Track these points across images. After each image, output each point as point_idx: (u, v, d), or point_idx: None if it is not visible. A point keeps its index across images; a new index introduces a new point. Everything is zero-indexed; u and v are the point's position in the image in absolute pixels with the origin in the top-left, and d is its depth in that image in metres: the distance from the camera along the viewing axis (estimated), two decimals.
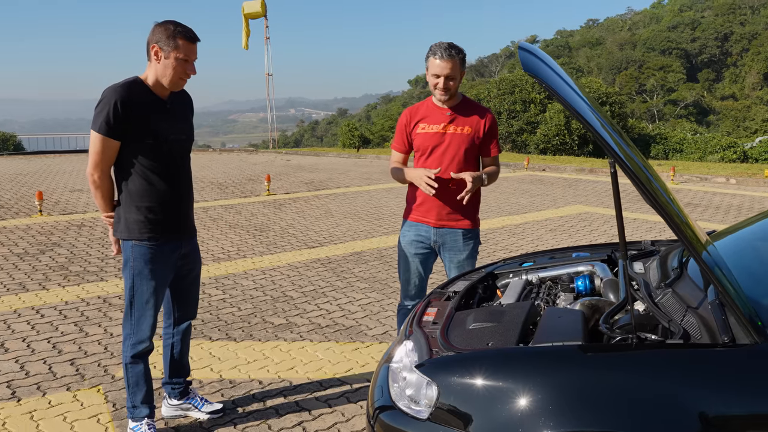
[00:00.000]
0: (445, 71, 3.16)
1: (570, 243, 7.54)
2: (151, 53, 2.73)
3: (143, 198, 2.79)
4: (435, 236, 3.38)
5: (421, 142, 3.33)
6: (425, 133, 3.32)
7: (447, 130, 3.28)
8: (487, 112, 3.35)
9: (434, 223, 3.36)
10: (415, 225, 3.42)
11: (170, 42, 2.70)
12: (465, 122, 3.29)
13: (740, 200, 11.09)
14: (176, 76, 2.75)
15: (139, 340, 2.86)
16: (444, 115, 3.30)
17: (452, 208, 3.32)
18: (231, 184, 12.95)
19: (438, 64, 3.16)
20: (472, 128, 3.28)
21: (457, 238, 3.37)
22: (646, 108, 62.96)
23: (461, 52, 3.21)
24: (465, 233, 3.37)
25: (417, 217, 3.41)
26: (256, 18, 26.95)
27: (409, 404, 2.12)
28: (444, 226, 3.35)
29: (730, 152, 26.61)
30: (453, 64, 3.16)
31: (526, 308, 2.39)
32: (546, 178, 14.49)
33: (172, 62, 2.73)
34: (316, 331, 4.51)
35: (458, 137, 3.27)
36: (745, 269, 2.49)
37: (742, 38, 73.45)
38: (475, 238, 3.43)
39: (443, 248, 3.41)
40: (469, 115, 3.31)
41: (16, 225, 8.31)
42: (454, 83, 3.21)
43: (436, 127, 3.29)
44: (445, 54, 3.14)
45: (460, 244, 3.37)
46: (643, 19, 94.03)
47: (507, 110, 28.39)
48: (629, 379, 1.91)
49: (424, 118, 3.34)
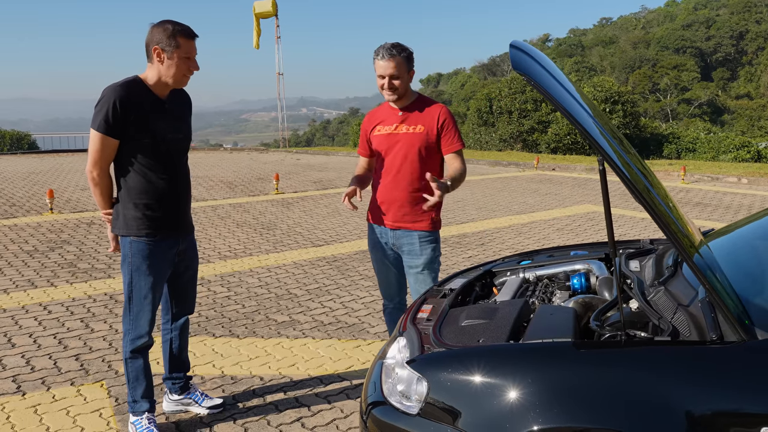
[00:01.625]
0: (388, 71, 3.12)
1: (577, 242, 7.52)
2: (152, 55, 2.76)
3: (141, 195, 2.83)
4: (392, 239, 3.31)
5: (376, 145, 3.30)
6: (380, 135, 3.29)
7: (399, 129, 3.23)
8: (439, 108, 3.24)
9: (390, 225, 3.29)
10: (374, 227, 3.39)
11: (171, 42, 2.74)
12: (417, 120, 3.21)
13: (751, 200, 11.00)
14: (180, 74, 2.80)
15: (138, 335, 2.90)
16: (396, 115, 3.26)
17: (408, 209, 3.23)
18: (240, 182, 13.03)
19: (380, 64, 3.13)
20: (425, 126, 3.20)
21: (413, 242, 3.25)
22: (659, 107, 62.49)
23: (405, 51, 3.14)
24: (422, 236, 3.24)
25: (374, 218, 3.37)
26: (267, 17, 27.03)
27: (400, 400, 2.14)
28: (399, 227, 3.26)
29: (744, 152, 26.34)
30: (395, 63, 3.11)
31: (518, 305, 2.40)
32: (555, 178, 14.45)
33: (176, 61, 2.77)
34: (319, 329, 4.54)
35: (410, 136, 3.20)
36: (741, 268, 2.49)
37: (757, 37, 72.72)
38: (435, 243, 3.29)
39: (401, 252, 3.32)
40: (422, 112, 3.23)
41: (27, 222, 8.41)
42: (398, 82, 3.14)
43: (389, 128, 3.25)
44: (386, 54, 3.11)
45: (416, 248, 3.25)
46: (657, 18, 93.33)
47: (518, 109, 28.29)
48: (618, 375, 1.92)
49: (381, 120, 3.31)
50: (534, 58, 2.19)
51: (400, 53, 3.13)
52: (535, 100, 28.16)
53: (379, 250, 3.41)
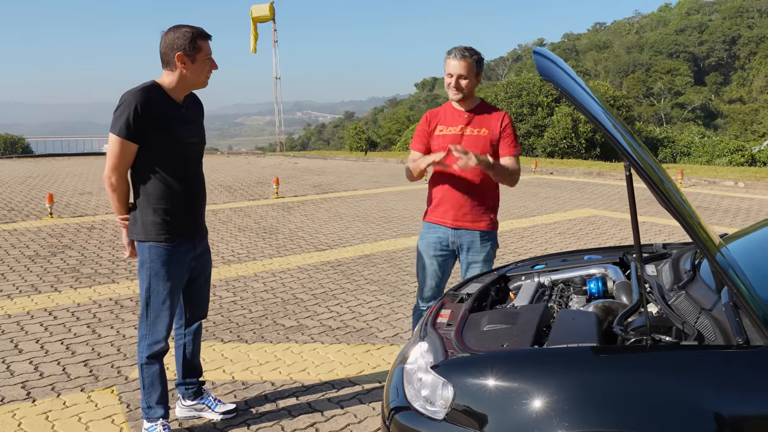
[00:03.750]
0: (457, 70, 3.26)
1: (579, 246, 7.54)
2: (174, 61, 2.76)
3: (160, 200, 2.82)
4: (453, 237, 3.41)
5: (439, 144, 3.38)
6: (443, 135, 3.38)
7: (464, 131, 3.34)
8: (503, 113, 3.40)
9: (451, 224, 3.39)
10: (433, 226, 3.46)
11: (193, 45, 2.76)
12: (481, 124, 3.35)
13: (749, 204, 11.06)
14: (204, 75, 2.86)
15: (155, 340, 2.89)
16: (461, 117, 3.37)
17: (469, 209, 3.36)
18: (239, 187, 13.00)
19: (452, 63, 3.28)
20: (489, 130, 3.34)
21: (475, 240, 3.39)
22: (653, 111, 62.81)
23: (476, 54, 3.29)
24: (482, 235, 3.40)
25: (434, 218, 3.45)
26: (265, 21, 27.05)
27: (424, 405, 2.14)
28: (460, 227, 3.38)
29: (738, 156, 26.48)
30: (466, 64, 3.25)
31: (540, 310, 2.40)
32: (554, 182, 14.48)
33: (201, 64, 2.81)
34: (327, 333, 4.53)
35: (475, 138, 3.33)
36: (758, 271, 2.49)
37: (750, 41, 73.20)
38: (493, 240, 3.45)
39: (461, 250, 3.44)
40: (486, 116, 3.37)
41: (26, 227, 8.37)
42: (466, 83, 3.28)
43: (454, 129, 3.36)
44: (458, 54, 3.26)
45: (477, 246, 3.40)
46: (651, 23, 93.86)
47: (514, 113, 28.33)
48: (644, 380, 1.92)
49: (442, 120, 3.41)
50: (557, 65, 2.20)
51: (472, 56, 3.27)
52: (531, 105, 28.23)
53: (430, 251, 3.47)
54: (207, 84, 2.91)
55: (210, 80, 2.91)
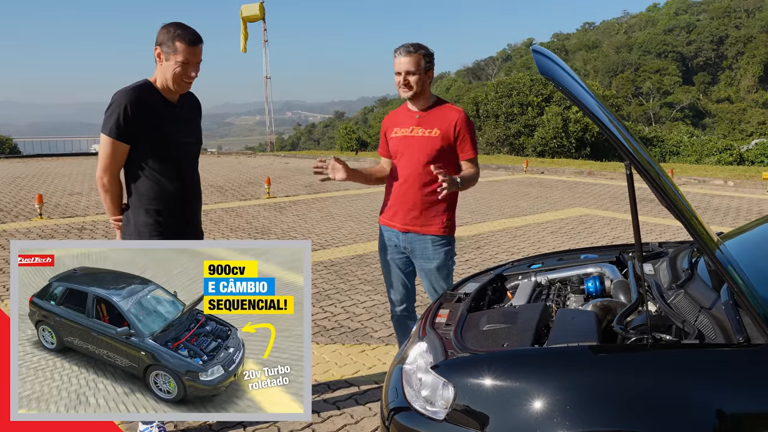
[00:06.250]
0: (404, 66, 3.08)
1: (571, 245, 7.56)
2: (155, 55, 2.73)
3: (152, 201, 2.78)
4: (404, 242, 3.26)
5: (392, 147, 3.27)
6: (396, 137, 3.25)
7: (414, 132, 3.18)
8: (458, 113, 3.17)
9: (400, 228, 3.24)
10: (385, 229, 3.35)
11: (170, 44, 2.68)
12: (433, 124, 3.16)
13: (738, 202, 11.13)
14: (178, 78, 2.71)
15: None
16: (412, 118, 3.22)
17: (418, 212, 3.17)
18: (231, 187, 12.95)
19: (398, 60, 3.11)
20: (441, 130, 3.13)
21: (426, 246, 3.20)
22: (642, 111, 63.19)
23: (423, 49, 3.11)
24: (434, 240, 3.18)
25: (385, 220, 3.33)
26: (255, 21, 27.00)
27: (424, 405, 2.13)
28: (410, 230, 3.21)
29: (727, 155, 26.71)
30: (411, 59, 3.07)
31: (539, 309, 2.40)
32: (545, 181, 14.52)
33: (172, 65, 2.69)
34: (322, 334, 4.51)
35: (425, 140, 3.14)
36: (757, 269, 2.50)
37: (737, 41, 73.83)
38: (448, 246, 3.23)
39: (413, 255, 3.27)
40: (437, 116, 3.17)
41: (16, 228, 8.29)
42: (415, 79, 3.09)
43: (405, 130, 3.22)
44: (404, 50, 3.10)
45: (429, 252, 3.20)
46: (639, 23, 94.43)
47: (504, 113, 28.44)
48: (645, 379, 1.92)
49: (397, 122, 3.29)
50: (556, 63, 2.20)
51: (417, 50, 3.09)
52: (521, 104, 28.33)
53: (386, 254, 3.38)
54: (185, 88, 2.78)
55: (199, 80, 2.80)
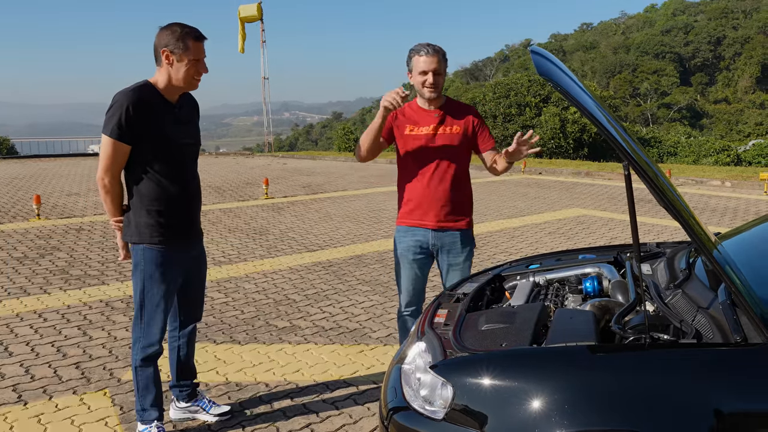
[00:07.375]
0: (432, 66, 3.13)
1: (569, 246, 7.57)
2: (161, 58, 2.73)
3: (154, 201, 2.79)
4: (433, 239, 3.29)
5: (413, 146, 3.26)
6: (415, 135, 3.25)
7: (437, 131, 3.24)
8: (470, 108, 3.35)
9: (433, 225, 3.26)
10: (411, 230, 3.32)
11: (180, 44, 2.71)
12: (454, 121, 3.25)
13: (736, 203, 11.15)
14: (190, 76, 2.76)
15: (149, 343, 2.86)
16: (432, 117, 3.26)
17: (450, 209, 3.26)
18: (229, 187, 12.95)
19: (424, 60, 3.15)
20: (461, 127, 3.25)
21: (456, 240, 3.30)
22: (640, 111, 63.27)
23: (442, 50, 3.20)
24: (463, 234, 3.31)
25: (413, 221, 3.31)
26: (252, 22, 26.99)
27: (423, 405, 2.13)
28: (443, 227, 3.26)
29: (724, 155, 26.76)
30: (438, 59, 3.16)
31: (537, 309, 2.41)
32: (543, 182, 14.54)
33: (185, 64, 2.73)
34: (320, 334, 4.52)
35: (449, 136, 3.24)
36: (754, 269, 2.51)
37: (734, 42, 73.93)
38: (472, 240, 3.37)
39: (441, 251, 3.32)
40: (456, 113, 3.28)
41: (14, 229, 8.28)
42: (441, 78, 3.20)
43: (426, 129, 3.24)
44: (430, 50, 3.14)
45: (458, 247, 3.30)
46: (637, 23, 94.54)
47: (502, 114, 28.44)
48: (643, 378, 1.92)
49: (413, 121, 3.29)
50: (554, 63, 2.20)
51: (439, 51, 3.18)
52: (519, 105, 28.33)
53: (410, 255, 3.33)
54: (195, 86, 2.83)
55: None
